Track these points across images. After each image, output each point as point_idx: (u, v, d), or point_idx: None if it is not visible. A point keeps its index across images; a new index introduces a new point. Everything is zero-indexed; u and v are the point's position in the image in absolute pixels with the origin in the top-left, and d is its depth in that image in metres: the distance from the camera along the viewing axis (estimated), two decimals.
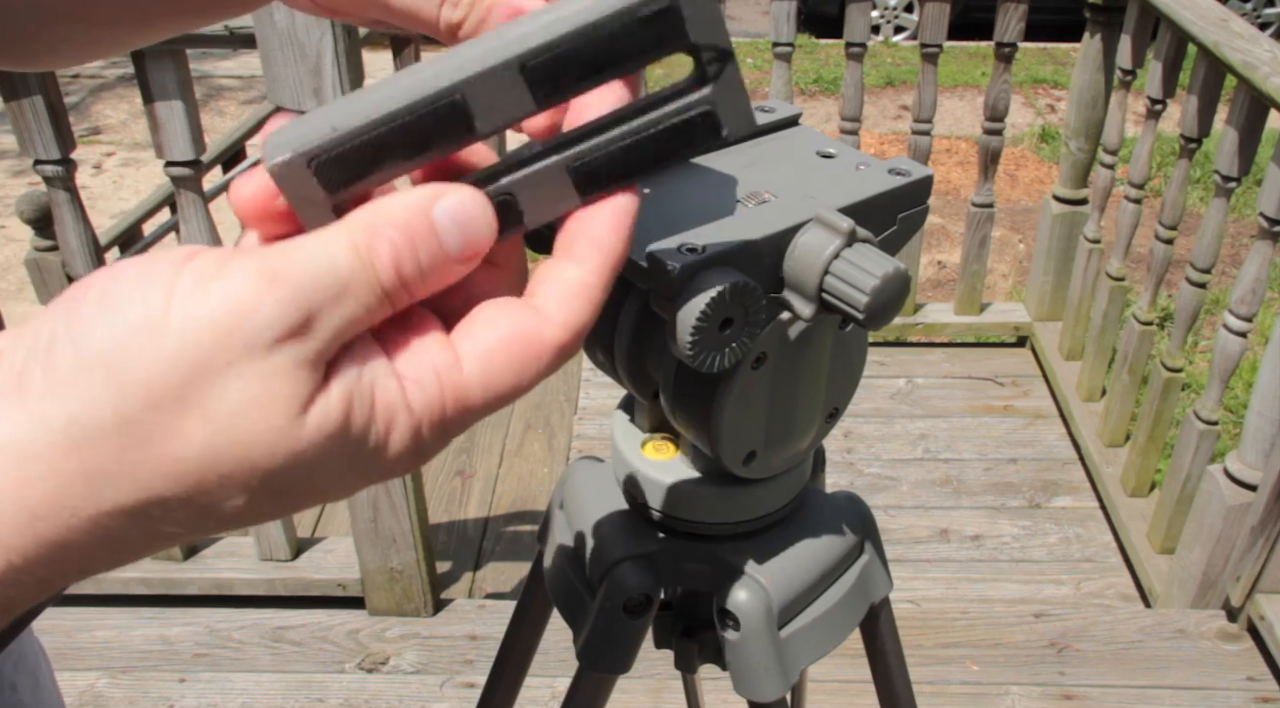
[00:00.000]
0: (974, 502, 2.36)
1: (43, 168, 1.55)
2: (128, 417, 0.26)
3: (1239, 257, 3.82)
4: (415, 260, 0.29)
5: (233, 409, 0.27)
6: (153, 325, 0.26)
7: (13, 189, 4.73)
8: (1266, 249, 1.75)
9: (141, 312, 0.27)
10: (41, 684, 0.63)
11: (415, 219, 0.29)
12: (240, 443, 0.27)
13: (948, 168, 4.79)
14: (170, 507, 0.27)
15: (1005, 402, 2.67)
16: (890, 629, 0.66)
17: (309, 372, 0.28)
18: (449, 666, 1.80)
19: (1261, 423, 1.73)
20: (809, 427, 0.52)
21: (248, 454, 0.27)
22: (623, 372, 0.50)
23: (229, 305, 0.27)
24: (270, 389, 0.27)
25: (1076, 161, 2.56)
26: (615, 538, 0.56)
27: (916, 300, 2.80)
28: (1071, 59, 5.84)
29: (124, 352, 0.26)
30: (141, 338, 0.26)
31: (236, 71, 6.12)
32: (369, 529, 1.77)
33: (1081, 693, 1.77)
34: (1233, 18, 1.91)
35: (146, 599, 1.89)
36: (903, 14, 6.49)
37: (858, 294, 0.41)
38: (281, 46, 1.33)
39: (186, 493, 0.27)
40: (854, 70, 2.36)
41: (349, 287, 0.28)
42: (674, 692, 1.70)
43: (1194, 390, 2.96)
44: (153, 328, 0.26)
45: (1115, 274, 2.32)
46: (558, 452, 2.52)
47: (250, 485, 0.28)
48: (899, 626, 0.67)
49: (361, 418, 0.29)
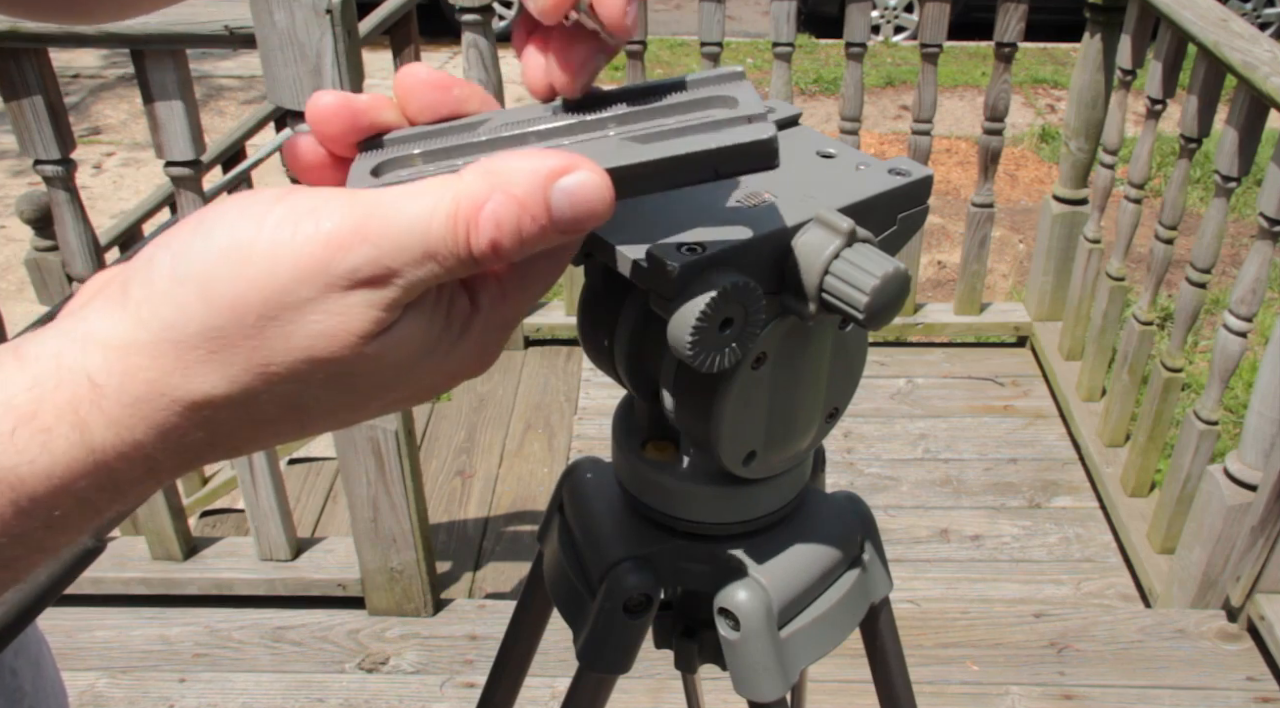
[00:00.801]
0: (974, 502, 2.36)
1: (43, 168, 1.55)
2: (215, 326, 0.29)
3: (1239, 257, 3.82)
4: (517, 236, 0.31)
5: (311, 333, 0.30)
6: (241, 252, 0.29)
7: (13, 189, 4.73)
8: (1266, 249, 1.75)
9: (233, 238, 0.30)
10: (43, 673, 0.63)
11: (532, 195, 0.31)
12: (319, 361, 0.30)
13: (948, 168, 4.79)
14: (261, 400, 0.31)
15: (1005, 402, 2.67)
16: (890, 629, 0.66)
17: (383, 312, 0.30)
18: (449, 666, 1.80)
19: (1261, 423, 1.73)
20: (809, 427, 0.52)
21: (328, 369, 0.31)
22: (623, 372, 0.50)
23: (312, 248, 0.29)
24: (345, 323, 0.30)
25: (1076, 161, 2.55)
26: (615, 538, 0.56)
27: (916, 300, 2.80)
28: (1071, 59, 5.84)
29: (213, 272, 0.29)
30: (230, 261, 0.29)
31: (236, 71, 6.12)
32: (369, 529, 1.77)
33: (1081, 693, 1.77)
34: (1233, 18, 1.91)
35: (146, 599, 1.89)
36: (903, 14, 6.49)
37: (858, 294, 0.41)
38: (281, 46, 1.33)
39: (273, 389, 0.31)
40: (854, 70, 2.36)
41: (435, 254, 0.30)
42: (674, 692, 1.70)
43: (1194, 390, 2.96)
44: (241, 254, 0.29)
45: (1115, 274, 2.32)
46: (558, 452, 2.52)
47: (334, 389, 0.31)
48: (899, 626, 0.67)
49: (435, 336, 0.32)
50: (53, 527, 0.30)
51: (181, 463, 0.32)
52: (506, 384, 2.74)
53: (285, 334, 0.30)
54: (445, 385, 0.35)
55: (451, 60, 6.04)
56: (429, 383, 0.34)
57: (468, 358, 0.34)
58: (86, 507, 0.30)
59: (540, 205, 0.30)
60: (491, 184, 0.30)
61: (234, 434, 0.32)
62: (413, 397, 0.34)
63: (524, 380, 2.76)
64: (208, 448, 0.32)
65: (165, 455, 0.31)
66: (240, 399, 0.30)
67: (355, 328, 0.30)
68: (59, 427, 0.29)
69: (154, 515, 1.82)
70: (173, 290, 0.30)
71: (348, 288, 0.29)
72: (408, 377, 0.33)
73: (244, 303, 0.29)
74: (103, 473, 0.30)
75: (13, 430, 0.28)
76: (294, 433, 0.33)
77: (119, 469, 0.30)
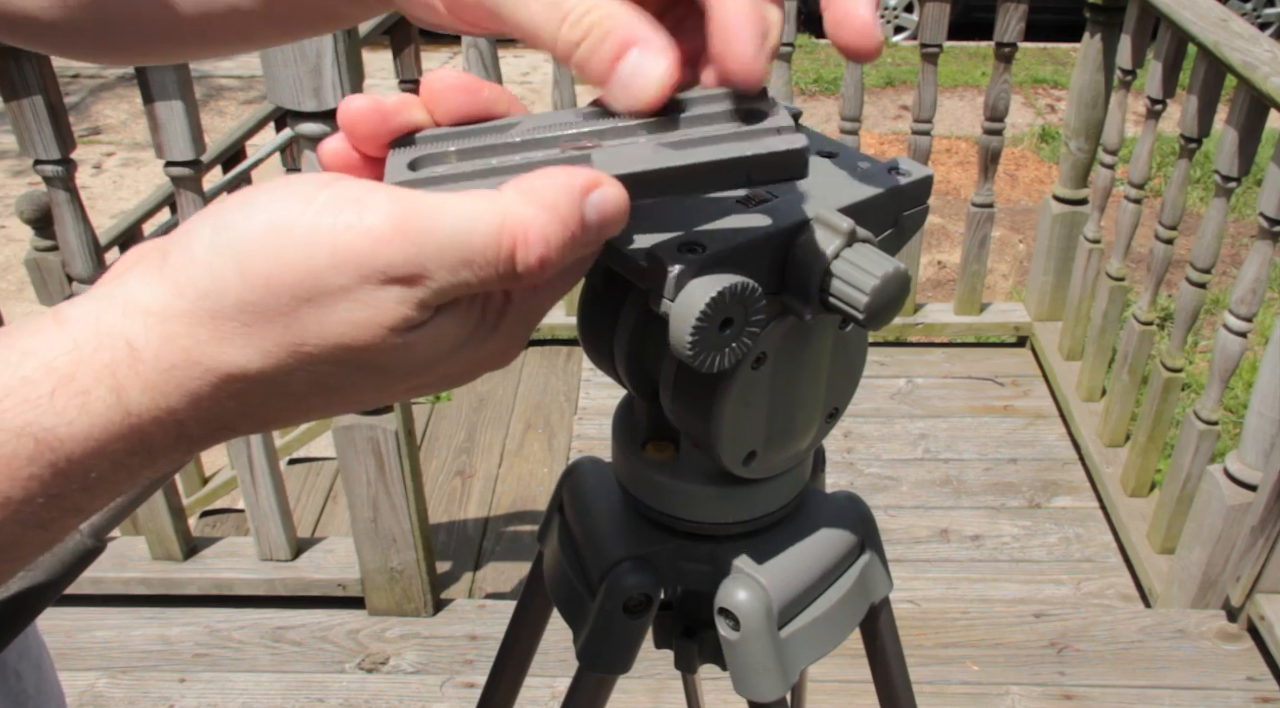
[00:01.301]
0: (974, 502, 2.36)
1: (43, 168, 1.55)
2: (250, 301, 0.30)
3: (1239, 257, 3.82)
4: (562, 253, 0.32)
5: (342, 319, 0.30)
6: (281, 231, 0.30)
7: (13, 189, 4.73)
8: (1266, 249, 1.75)
9: (274, 217, 0.30)
10: (44, 676, 0.63)
11: (573, 212, 0.32)
12: (350, 348, 0.31)
13: (948, 168, 4.79)
14: (294, 378, 0.31)
15: (1005, 402, 2.67)
16: (890, 629, 0.66)
17: (413, 311, 0.31)
18: (449, 666, 1.80)
19: (1261, 423, 1.73)
20: (809, 427, 0.52)
21: (359, 357, 0.31)
22: (623, 372, 0.50)
23: (351, 238, 0.30)
24: (375, 316, 0.30)
25: (1076, 162, 2.55)
26: (615, 538, 0.56)
27: (916, 300, 2.79)
28: (1071, 59, 5.84)
29: (251, 247, 0.30)
30: (269, 239, 0.30)
31: (236, 71, 6.12)
32: (369, 529, 1.77)
33: (1081, 693, 1.77)
34: (1233, 18, 1.91)
35: (146, 599, 1.89)
36: (903, 14, 6.49)
37: (858, 294, 0.41)
38: (281, 46, 1.33)
39: (305, 368, 0.31)
40: (854, 70, 2.36)
41: (471, 263, 0.31)
42: (674, 692, 1.70)
43: (1194, 390, 2.96)
44: (280, 233, 0.30)
45: (1115, 274, 2.32)
46: (558, 452, 2.52)
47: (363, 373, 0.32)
48: (899, 626, 0.67)
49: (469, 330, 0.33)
50: (89, 489, 0.31)
51: (212, 431, 0.32)
52: (506, 384, 2.74)
53: (319, 317, 0.30)
54: (471, 374, 0.36)
55: (451, 60, 6.04)
56: (459, 371, 0.35)
57: (496, 350, 0.35)
58: (120, 470, 0.31)
59: (578, 220, 0.32)
60: (535, 202, 0.31)
61: (264, 406, 0.32)
62: (441, 382, 0.35)
63: (524, 380, 2.76)
64: (240, 418, 0.32)
65: (197, 424, 0.32)
66: (273, 375, 0.31)
67: (385, 321, 0.30)
68: (97, 389, 0.29)
69: (154, 515, 1.82)
70: (210, 261, 0.30)
71: (381, 282, 0.30)
72: (438, 366, 0.33)
73: (279, 282, 0.30)
74: (136, 437, 0.30)
75: (52, 392, 0.29)
76: (323, 409, 0.34)
77: (152, 434, 0.31)
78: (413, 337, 0.31)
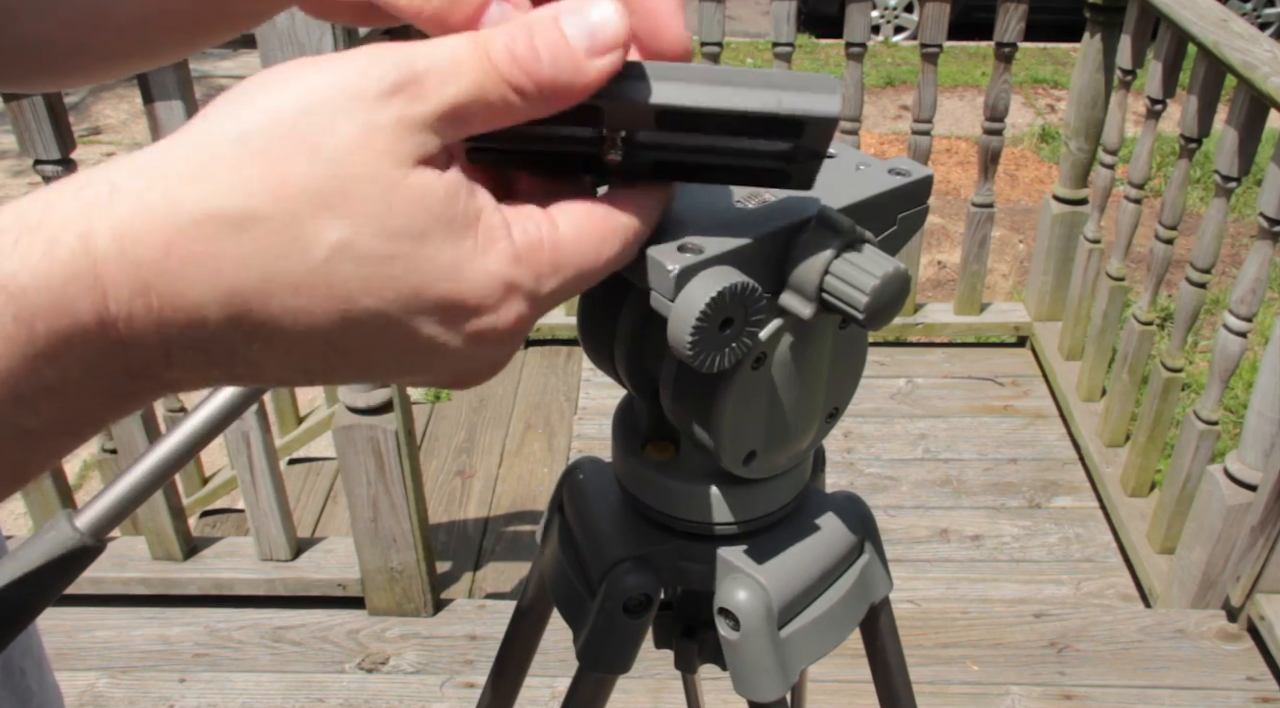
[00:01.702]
0: (974, 502, 2.36)
1: (43, 168, 1.55)
2: (246, 140, 0.29)
3: (1239, 257, 3.82)
4: (531, 46, 0.31)
5: (339, 145, 0.29)
6: (269, 83, 0.30)
7: (13, 189, 4.73)
8: (1266, 249, 1.75)
9: (264, 77, 0.31)
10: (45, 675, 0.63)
11: (538, 19, 0.32)
12: (345, 177, 0.29)
13: (948, 168, 4.79)
14: (274, 226, 0.29)
15: (1005, 402, 2.67)
16: (890, 629, 0.66)
17: (418, 133, 0.30)
18: (449, 666, 1.80)
19: (1261, 423, 1.73)
20: (809, 427, 0.52)
21: (353, 188, 0.29)
22: (623, 372, 0.50)
23: (337, 67, 0.30)
24: (375, 138, 0.29)
25: (1076, 162, 2.55)
26: (615, 538, 0.56)
27: (916, 300, 2.80)
28: (1071, 59, 5.84)
29: (243, 98, 0.30)
30: (255, 90, 0.30)
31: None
32: (369, 529, 1.77)
33: (1081, 693, 1.77)
34: (1233, 18, 1.91)
35: (146, 599, 1.89)
36: (903, 14, 6.49)
37: (858, 294, 0.41)
38: (281, 47, 1.34)
39: (290, 215, 0.29)
40: (854, 70, 2.36)
41: (462, 64, 0.30)
42: (674, 692, 1.70)
43: (1194, 390, 2.96)
44: (268, 85, 0.30)
45: (1115, 274, 2.32)
46: (558, 452, 2.52)
47: (353, 220, 0.29)
48: (899, 626, 0.67)
49: (464, 215, 0.31)
50: (54, 391, 0.28)
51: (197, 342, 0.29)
52: (506, 384, 2.74)
53: (312, 150, 0.29)
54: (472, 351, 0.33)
55: None
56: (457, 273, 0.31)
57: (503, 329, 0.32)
58: (92, 379, 0.29)
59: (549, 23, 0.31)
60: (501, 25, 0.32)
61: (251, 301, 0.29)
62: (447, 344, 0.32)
63: (524, 380, 2.76)
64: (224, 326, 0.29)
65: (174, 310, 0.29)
66: (242, 224, 0.29)
67: (381, 143, 0.29)
68: (64, 236, 0.28)
69: (154, 515, 1.82)
70: (206, 111, 0.30)
71: (377, 98, 0.29)
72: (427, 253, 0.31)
73: (271, 121, 0.29)
74: (99, 293, 0.28)
75: (15, 241, 0.28)
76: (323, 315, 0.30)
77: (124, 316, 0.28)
78: (412, 177, 0.30)
